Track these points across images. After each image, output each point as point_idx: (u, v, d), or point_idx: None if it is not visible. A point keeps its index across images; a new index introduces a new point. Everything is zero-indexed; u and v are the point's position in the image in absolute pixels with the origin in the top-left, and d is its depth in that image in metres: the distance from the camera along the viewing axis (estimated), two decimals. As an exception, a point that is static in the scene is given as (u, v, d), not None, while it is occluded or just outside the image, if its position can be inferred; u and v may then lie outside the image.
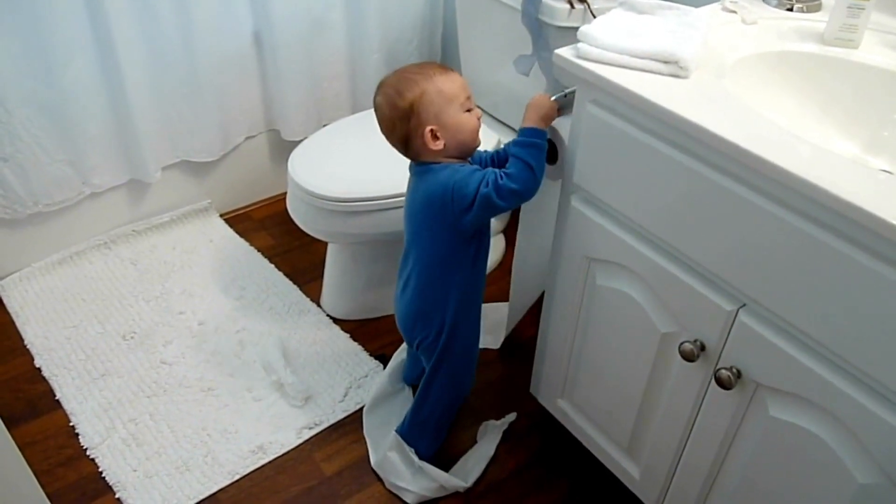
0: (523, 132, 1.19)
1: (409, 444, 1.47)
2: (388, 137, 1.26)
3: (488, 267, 1.93)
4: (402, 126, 1.21)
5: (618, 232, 1.14)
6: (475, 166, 1.24)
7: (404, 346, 1.65)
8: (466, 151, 1.26)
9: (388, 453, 1.48)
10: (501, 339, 1.80)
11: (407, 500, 1.45)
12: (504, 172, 1.17)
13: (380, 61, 2.17)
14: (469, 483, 1.48)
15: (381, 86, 1.24)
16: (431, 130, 1.20)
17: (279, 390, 1.66)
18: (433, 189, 1.22)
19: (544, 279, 1.39)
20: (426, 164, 1.24)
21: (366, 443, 1.55)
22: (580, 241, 1.23)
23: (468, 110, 1.22)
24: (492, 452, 1.54)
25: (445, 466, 1.49)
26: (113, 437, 1.55)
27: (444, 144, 1.21)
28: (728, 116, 0.95)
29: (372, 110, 1.89)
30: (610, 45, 1.06)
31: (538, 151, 1.18)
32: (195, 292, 1.92)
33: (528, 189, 1.18)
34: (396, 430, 1.49)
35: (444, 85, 1.20)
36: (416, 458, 1.45)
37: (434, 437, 1.50)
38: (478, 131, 1.25)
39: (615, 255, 1.16)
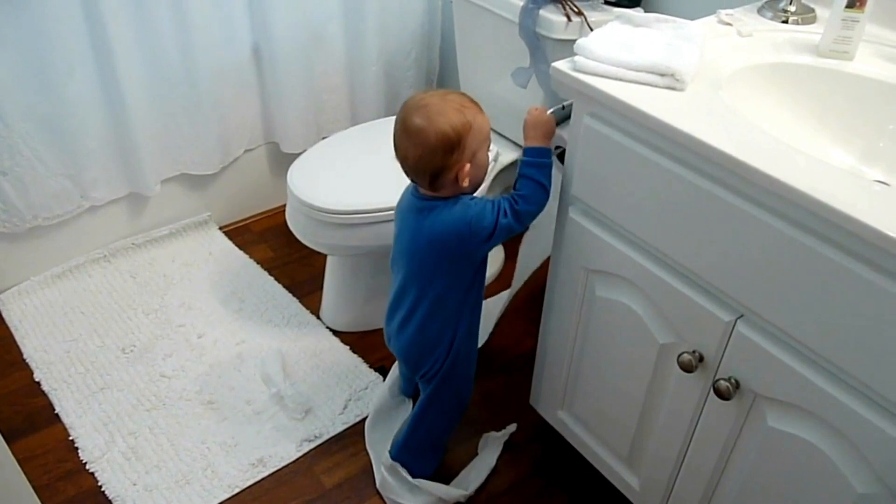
0: (531, 152, 1.20)
1: (405, 466, 1.45)
2: (414, 164, 1.18)
3: (489, 278, 1.94)
4: (441, 158, 1.16)
5: (616, 243, 1.14)
6: (484, 196, 1.23)
7: None
8: (476, 189, 1.25)
9: (383, 473, 1.47)
10: (486, 336, 1.80)
11: None
12: (518, 196, 1.18)
13: (378, 73, 2.19)
14: (471, 491, 1.47)
15: (421, 107, 1.15)
16: (468, 167, 1.18)
17: (279, 403, 1.66)
18: (447, 225, 1.20)
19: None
20: (434, 201, 1.22)
21: (368, 457, 1.55)
22: (579, 253, 1.23)
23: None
24: (493, 464, 1.54)
25: (446, 480, 1.49)
26: (112, 451, 1.55)
27: (467, 182, 1.20)
28: (724, 128, 0.95)
29: (371, 123, 1.94)
30: (607, 58, 1.07)
31: (548, 170, 1.20)
32: (194, 305, 1.92)
33: (542, 207, 1.21)
34: (389, 453, 1.47)
35: (484, 122, 1.18)
36: (409, 478, 1.44)
37: (432, 456, 1.49)
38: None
39: (614, 267, 1.17)
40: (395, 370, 1.64)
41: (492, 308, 1.80)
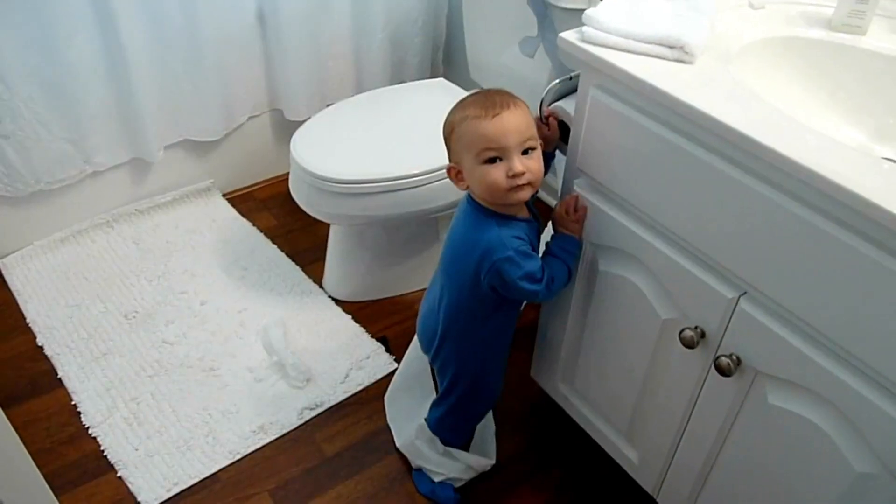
0: (572, 242, 1.20)
1: (438, 434, 1.43)
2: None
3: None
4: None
5: (621, 218, 1.14)
6: (524, 241, 1.14)
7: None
8: (500, 205, 1.14)
9: (414, 441, 1.46)
10: None
11: (434, 479, 1.45)
12: (552, 276, 1.17)
13: (384, 41, 2.16)
14: (493, 460, 1.48)
15: (502, 91, 1.14)
16: (451, 169, 1.16)
17: (280, 371, 1.66)
18: (475, 244, 1.15)
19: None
20: (489, 218, 1.15)
21: (369, 425, 1.56)
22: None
23: (489, 160, 1.09)
24: (494, 427, 1.52)
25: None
26: (114, 416, 1.56)
27: (468, 188, 1.15)
28: (733, 103, 0.94)
29: (377, 91, 1.92)
30: (615, 29, 1.05)
31: (578, 260, 1.22)
32: (197, 272, 1.92)
33: (561, 289, 1.22)
34: (426, 422, 1.44)
35: (470, 129, 1.09)
36: (441, 445, 1.43)
37: (465, 434, 1.47)
38: (505, 187, 1.09)
39: (618, 242, 1.16)
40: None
41: None
